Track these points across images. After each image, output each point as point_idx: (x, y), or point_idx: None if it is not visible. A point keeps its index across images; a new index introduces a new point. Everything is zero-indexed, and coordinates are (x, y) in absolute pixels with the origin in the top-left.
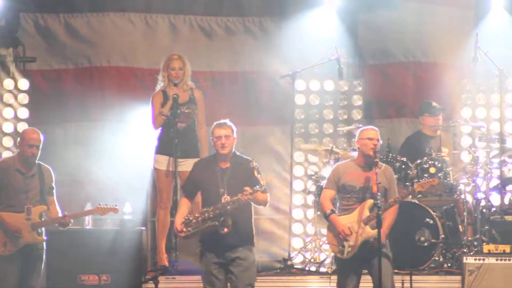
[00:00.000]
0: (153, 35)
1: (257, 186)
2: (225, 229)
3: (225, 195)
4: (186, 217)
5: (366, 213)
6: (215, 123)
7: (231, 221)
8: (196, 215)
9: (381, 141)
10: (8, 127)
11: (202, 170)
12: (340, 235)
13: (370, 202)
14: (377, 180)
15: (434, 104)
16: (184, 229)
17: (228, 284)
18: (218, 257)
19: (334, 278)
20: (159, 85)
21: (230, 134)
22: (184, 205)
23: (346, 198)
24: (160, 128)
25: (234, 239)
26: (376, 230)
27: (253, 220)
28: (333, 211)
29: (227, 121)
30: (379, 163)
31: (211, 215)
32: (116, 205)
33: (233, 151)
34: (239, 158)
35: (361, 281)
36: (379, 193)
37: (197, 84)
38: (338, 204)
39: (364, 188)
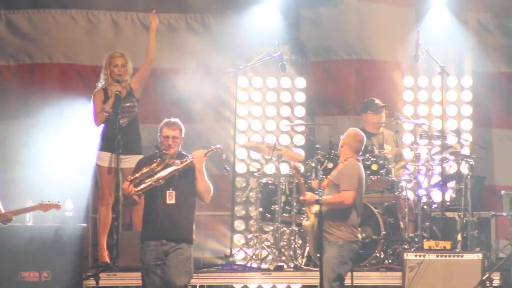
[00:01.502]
0: (95, 32)
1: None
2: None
3: (171, 191)
4: (129, 178)
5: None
6: (164, 121)
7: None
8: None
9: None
10: None
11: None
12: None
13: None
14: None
15: (376, 101)
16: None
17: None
18: (157, 254)
19: (275, 274)
20: (101, 83)
21: (177, 136)
22: None
23: None
24: (103, 125)
25: (174, 235)
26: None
27: (194, 217)
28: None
29: (177, 121)
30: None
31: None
32: (58, 202)
33: (179, 150)
34: (184, 156)
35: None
36: (321, 189)
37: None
38: None
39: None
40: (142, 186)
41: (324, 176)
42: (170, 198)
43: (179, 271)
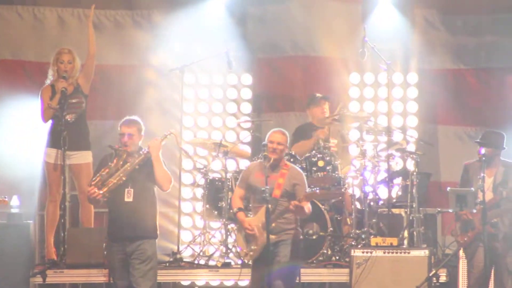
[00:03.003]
0: (41, 28)
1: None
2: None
3: (130, 189)
4: (92, 182)
5: (263, 218)
6: (124, 119)
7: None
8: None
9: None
10: None
11: (104, 165)
12: (246, 230)
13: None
14: (266, 182)
15: (317, 94)
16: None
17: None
18: (122, 250)
19: (223, 271)
20: (49, 79)
21: (134, 133)
22: None
23: (253, 198)
24: (51, 122)
25: (138, 231)
26: (275, 236)
27: (156, 211)
28: (240, 209)
29: (135, 119)
30: (288, 164)
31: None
32: (5, 197)
33: (138, 147)
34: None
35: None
36: (280, 198)
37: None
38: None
39: (264, 189)
40: (106, 188)
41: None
42: (128, 196)
43: (142, 274)
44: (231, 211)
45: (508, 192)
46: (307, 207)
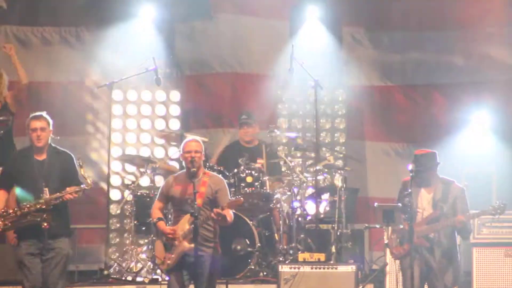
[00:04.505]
0: None
1: (83, 185)
2: (46, 225)
3: (45, 187)
4: (3, 210)
5: (186, 226)
6: (30, 116)
7: (51, 216)
8: (15, 208)
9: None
10: None
11: (18, 162)
12: (169, 235)
13: (189, 216)
14: (195, 190)
15: (243, 116)
16: (1, 223)
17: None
18: (33, 247)
19: (150, 287)
20: None
21: (45, 126)
22: (0, 197)
23: (175, 209)
24: None
25: (50, 229)
26: (193, 245)
27: (68, 210)
28: (160, 219)
29: (43, 113)
30: (208, 172)
31: (32, 209)
32: None
33: (49, 142)
34: (55, 149)
35: None
36: (201, 206)
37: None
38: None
39: (187, 199)
40: (7, 222)
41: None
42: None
43: (55, 277)
44: (151, 221)
45: (447, 208)
46: (229, 215)
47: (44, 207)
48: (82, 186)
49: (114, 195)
